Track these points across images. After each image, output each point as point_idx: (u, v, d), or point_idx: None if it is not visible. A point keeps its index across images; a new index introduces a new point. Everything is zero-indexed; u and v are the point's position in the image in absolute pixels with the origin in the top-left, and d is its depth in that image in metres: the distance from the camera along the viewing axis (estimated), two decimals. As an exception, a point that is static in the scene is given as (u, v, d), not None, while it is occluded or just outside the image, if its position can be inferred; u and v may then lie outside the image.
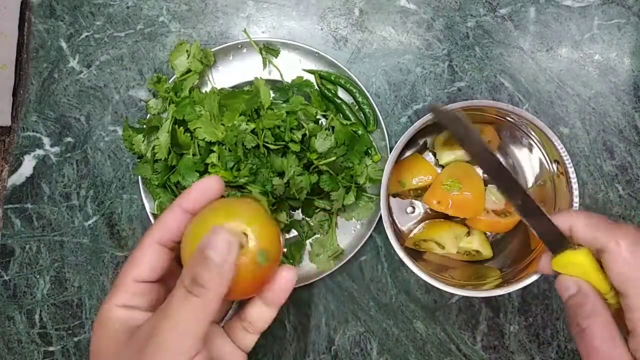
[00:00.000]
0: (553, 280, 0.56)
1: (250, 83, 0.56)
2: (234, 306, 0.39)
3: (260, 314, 0.35)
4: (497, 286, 0.47)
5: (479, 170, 0.54)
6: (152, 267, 0.32)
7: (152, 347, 0.27)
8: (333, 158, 0.51)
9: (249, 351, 0.36)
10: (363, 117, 0.56)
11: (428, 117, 0.46)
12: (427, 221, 0.56)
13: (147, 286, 0.32)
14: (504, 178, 0.38)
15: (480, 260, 0.54)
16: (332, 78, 0.56)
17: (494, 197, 0.53)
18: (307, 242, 0.56)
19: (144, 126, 0.53)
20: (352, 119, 0.55)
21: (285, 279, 0.33)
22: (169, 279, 0.34)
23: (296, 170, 0.49)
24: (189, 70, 0.54)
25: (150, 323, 0.29)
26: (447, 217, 0.55)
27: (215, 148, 0.50)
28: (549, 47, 0.59)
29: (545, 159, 0.51)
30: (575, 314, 0.33)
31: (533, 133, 0.50)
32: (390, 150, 0.50)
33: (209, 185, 0.33)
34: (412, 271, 0.47)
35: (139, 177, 0.54)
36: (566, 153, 0.46)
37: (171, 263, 0.33)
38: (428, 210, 0.57)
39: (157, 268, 0.32)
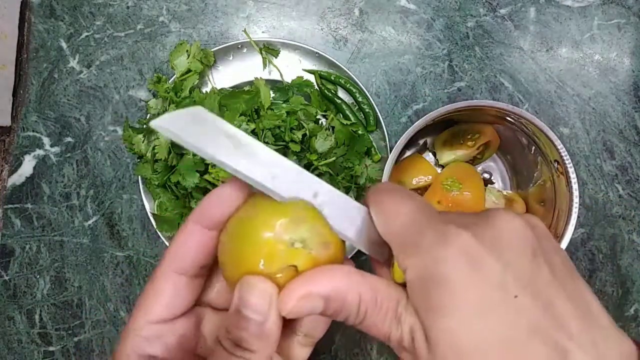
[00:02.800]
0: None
1: (250, 83, 0.56)
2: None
3: (316, 322, 0.29)
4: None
5: (480, 170, 0.54)
6: (170, 302, 0.25)
7: None
8: (333, 158, 0.51)
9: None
10: (363, 117, 0.56)
11: (428, 117, 0.47)
12: (427, 221, 0.56)
13: (164, 328, 0.26)
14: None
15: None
16: (332, 78, 0.56)
17: (494, 197, 0.53)
18: (307, 242, 0.56)
19: (144, 126, 0.53)
20: (352, 119, 0.55)
21: None
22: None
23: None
24: (189, 70, 0.54)
25: None
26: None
27: (215, 148, 0.50)
28: (549, 47, 0.59)
29: (545, 159, 0.51)
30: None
31: (533, 133, 0.50)
32: (390, 150, 0.50)
33: (229, 194, 0.25)
34: (412, 271, 0.47)
35: (139, 177, 0.54)
36: (566, 153, 0.46)
37: (198, 294, 0.27)
38: (428, 210, 0.57)
39: (176, 303, 0.25)
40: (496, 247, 0.21)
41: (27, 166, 0.59)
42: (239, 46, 0.56)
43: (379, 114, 0.55)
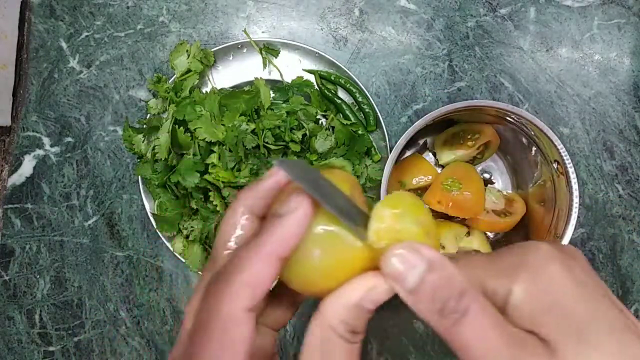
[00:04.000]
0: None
1: (250, 83, 0.56)
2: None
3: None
4: (497, 286, 0.46)
5: (479, 170, 0.54)
6: (249, 349, 0.22)
7: None
8: (333, 158, 0.51)
9: (280, 328, 0.29)
10: (363, 117, 0.56)
11: (428, 117, 0.46)
12: (427, 221, 0.56)
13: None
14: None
15: (480, 260, 0.54)
16: (332, 78, 0.56)
17: (494, 197, 0.53)
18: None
19: (144, 126, 0.53)
20: (352, 119, 0.55)
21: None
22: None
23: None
24: (189, 70, 0.54)
25: None
26: (447, 217, 0.55)
27: (215, 148, 0.50)
28: (549, 47, 0.59)
29: (545, 159, 0.51)
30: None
31: (533, 133, 0.50)
32: (390, 150, 0.50)
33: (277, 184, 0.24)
34: (412, 271, 0.47)
35: (139, 177, 0.54)
36: (566, 153, 0.46)
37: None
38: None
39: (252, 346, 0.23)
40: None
41: (27, 166, 0.59)
42: (239, 46, 0.56)
43: (379, 114, 0.55)
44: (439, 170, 0.55)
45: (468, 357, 0.20)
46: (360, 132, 0.54)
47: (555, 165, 0.49)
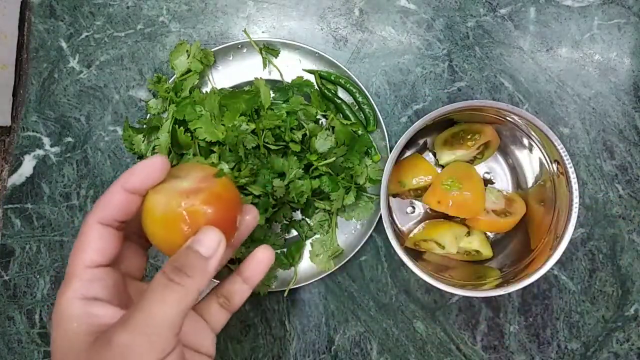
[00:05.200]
0: (553, 279, 0.56)
1: (250, 83, 0.56)
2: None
3: (237, 290, 0.35)
4: (497, 286, 0.47)
5: (480, 170, 0.54)
6: (101, 248, 0.29)
7: (120, 348, 0.25)
8: (333, 158, 0.51)
9: (218, 332, 0.35)
10: (363, 117, 0.56)
11: (428, 117, 0.47)
12: (427, 221, 0.56)
13: (100, 271, 0.29)
14: None
15: (480, 260, 0.54)
16: (332, 78, 0.56)
17: (494, 197, 0.53)
18: (307, 242, 0.56)
19: (144, 126, 0.53)
20: (352, 119, 0.55)
21: (259, 260, 0.35)
22: (122, 264, 0.32)
23: (297, 173, 0.49)
24: (189, 70, 0.54)
25: (120, 320, 0.27)
26: (447, 217, 0.55)
27: (215, 148, 0.50)
28: (549, 47, 0.59)
29: (545, 159, 0.51)
30: None
31: (533, 133, 0.50)
32: (390, 150, 0.50)
33: (154, 165, 0.30)
34: (412, 271, 0.47)
35: (139, 177, 0.54)
36: (566, 153, 0.46)
37: (121, 246, 0.31)
38: (428, 210, 0.57)
39: (106, 249, 0.30)
40: None
41: (27, 166, 0.59)
42: (239, 46, 0.56)
43: (379, 114, 0.55)
44: (439, 170, 0.55)
45: None
46: (360, 132, 0.54)
47: (555, 165, 0.49)
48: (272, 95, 0.54)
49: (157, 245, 0.31)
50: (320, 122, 0.55)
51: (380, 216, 0.53)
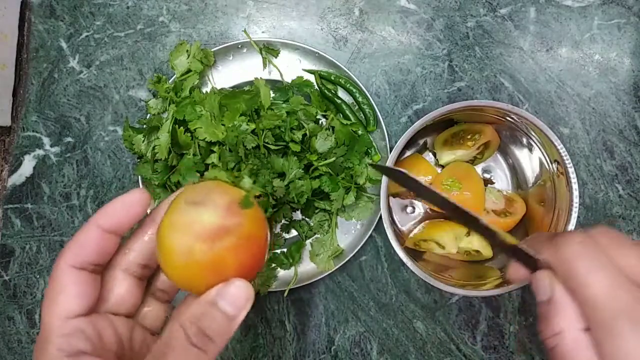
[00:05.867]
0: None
1: (250, 83, 0.56)
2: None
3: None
4: (497, 286, 0.47)
5: (479, 170, 0.54)
6: (77, 295, 0.26)
7: None
8: (333, 158, 0.51)
9: (160, 326, 0.33)
10: (363, 117, 0.56)
11: (428, 117, 0.47)
12: (427, 221, 0.56)
13: (80, 322, 0.26)
14: (468, 217, 0.32)
15: (480, 260, 0.54)
16: (332, 78, 0.56)
17: (494, 197, 0.53)
18: (307, 242, 0.56)
19: (144, 126, 0.53)
20: (352, 119, 0.55)
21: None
22: (145, 319, 0.30)
23: (297, 173, 0.49)
24: (189, 70, 0.54)
25: None
26: (447, 217, 0.55)
27: (215, 148, 0.50)
28: (549, 47, 0.59)
29: (545, 159, 0.51)
30: (541, 328, 0.28)
31: (533, 133, 0.50)
32: (390, 150, 0.50)
33: (132, 202, 0.27)
34: (412, 271, 0.47)
35: (139, 177, 0.54)
36: (566, 153, 0.46)
37: (98, 291, 0.28)
38: (428, 210, 0.57)
39: (83, 297, 0.26)
40: None
41: (27, 166, 0.59)
42: (239, 46, 0.56)
43: (379, 114, 0.55)
44: (439, 170, 0.55)
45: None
46: (360, 132, 0.54)
47: (555, 165, 0.49)
48: (272, 95, 0.54)
49: (176, 285, 0.28)
50: (320, 122, 0.55)
51: (380, 216, 0.53)
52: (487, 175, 0.57)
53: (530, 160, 0.54)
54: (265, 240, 0.29)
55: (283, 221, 0.55)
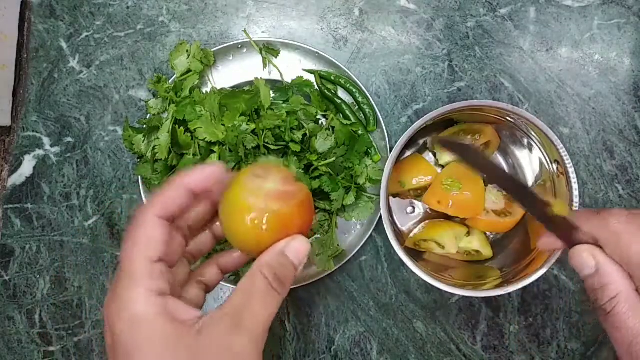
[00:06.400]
0: (553, 279, 0.56)
1: (250, 83, 0.56)
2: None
3: (214, 275, 0.36)
4: (497, 286, 0.47)
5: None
6: (162, 242, 0.29)
7: (237, 348, 0.27)
8: (333, 158, 0.51)
9: (213, 286, 0.37)
10: (363, 117, 0.56)
11: (428, 117, 0.47)
12: (427, 221, 0.56)
13: (163, 266, 0.29)
14: (527, 195, 0.38)
15: (480, 260, 0.54)
16: (332, 78, 0.56)
17: (494, 197, 0.53)
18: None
19: (144, 126, 0.53)
20: (352, 119, 0.55)
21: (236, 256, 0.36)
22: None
23: (297, 173, 0.50)
24: (189, 70, 0.54)
25: (224, 316, 0.28)
26: (447, 217, 0.55)
27: (215, 148, 0.50)
28: (549, 47, 0.59)
29: (545, 159, 0.51)
30: (596, 297, 0.32)
31: (533, 133, 0.50)
32: (390, 150, 0.50)
33: (214, 170, 0.31)
34: (412, 271, 0.47)
35: (139, 177, 0.54)
36: (566, 153, 0.46)
37: (172, 237, 0.31)
38: (428, 210, 0.57)
39: (166, 244, 0.29)
40: None
41: (27, 166, 0.59)
42: (239, 46, 0.56)
43: (379, 114, 0.55)
44: (439, 170, 0.55)
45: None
46: (360, 132, 0.54)
47: (555, 165, 0.49)
48: (272, 95, 0.54)
49: (237, 244, 0.32)
50: (320, 122, 0.55)
51: (380, 216, 0.53)
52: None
53: (530, 160, 0.54)
54: (312, 207, 0.34)
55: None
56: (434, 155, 0.57)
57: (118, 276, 0.28)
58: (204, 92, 0.54)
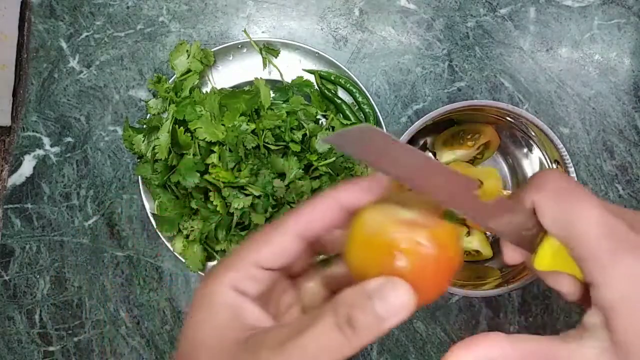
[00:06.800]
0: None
1: (250, 83, 0.56)
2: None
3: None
4: (497, 286, 0.47)
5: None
6: (280, 255, 0.27)
7: None
8: (333, 158, 0.51)
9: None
10: (363, 117, 0.56)
11: (428, 117, 0.47)
12: (427, 221, 0.56)
13: (263, 274, 0.27)
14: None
15: (480, 260, 0.54)
16: (332, 78, 0.56)
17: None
18: (307, 242, 0.56)
19: (144, 126, 0.53)
20: (352, 119, 0.55)
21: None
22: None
23: (297, 173, 0.49)
24: (189, 70, 0.54)
25: (275, 335, 0.24)
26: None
27: (215, 148, 0.50)
28: (549, 47, 0.59)
29: (545, 159, 0.51)
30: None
31: (533, 133, 0.50)
32: (391, 150, 0.50)
33: (379, 182, 0.26)
34: (412, 271, 0.47)
35: (139, 177, 0.54)
36: (566, 153, 0.46)
37: (300, 254, 0.28)
38: (428, 210, 0.57)
39: (284, 258, 0.27)
40: None
41: (27, 166, 0.59)
42: (239, 46, 0.56)
43: (379, 114, 0.55)
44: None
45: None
46: (360, 132, 0.54)
47: (555, 165, 0.49)
48: (272, 95, 0.54)
49: (349, 265, 0.26)
50: (320, 122, 0.55)
51: (380, 216, 0.53)
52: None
53: (530, 160, 0.54)
54: (453, 264, 0.26)
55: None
56: (434, 155, 0.57)
57: (222, 260, 0.28)
58: (204, 92, 0.54)
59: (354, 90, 0.55)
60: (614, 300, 0.24)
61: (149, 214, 0.54)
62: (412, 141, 0.55)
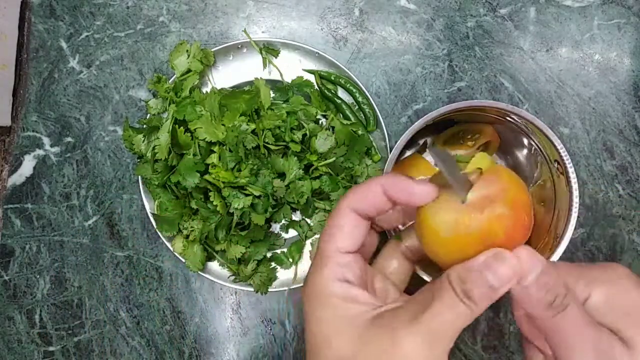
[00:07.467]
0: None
1: (250, 83, 0.56)
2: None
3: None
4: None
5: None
6: (353, 235, 0.30)
7: (406, 345, 0.25)
8: (333, 158, 0.51)
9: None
10: (363, 117, 0.56)
11: (428, 117, 0.47)
12: (427, 221, 0.56)
13: (350, 257, 0.30)
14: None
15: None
16: (332, 78, 0.56)
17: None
18: (307, 242, 0.56)
19: (144, 126, 0.53)
20: (352, 119, 0.55)
21: None
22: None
23: (297, 173, 0.49)
24: (189, 70, 0.54)
25: (405, 311, 0.27)
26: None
27: (215, 148, 0.50)
28: (549, 47, 0.59)
29: (545, 159, 0.51)
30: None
31: (533, 133, 0.50)
32: (390, 150, 0.50)
33: (421, 192, 0.28)
34: (412, 271, 0.47)
35: (139, 177, 0.54)
36: (566, 153, 0.46)
37: (365, 232, 0.31)
38: (428, 210, 0.57)
39: (357, 237, 0.30)
40: None
41: (27, 166, 0.59)
42: (239, 46, 0.56)
43: (379, 114, 0.55)
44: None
45: (564, 344, 0.26)
46: (360, 132, 0.54)
47: (555, 165, 0.49)
48: (272, 95, 0.54)
49: (442, 264, 0.29)
50: (320, 122, 0.55)
51: (380, 216, 0.53)
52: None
53: (530, 160, 0.54)
54: (529, 206, 0.28)
55: (283, 221, 0.55)
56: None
57: (313, 261, 0.31)
58: (204, 92, 0.54)
59: (354, 90, 0.55)
60: None
61: (149, 214, 0.54)
62: (412, 141, 0.55)
